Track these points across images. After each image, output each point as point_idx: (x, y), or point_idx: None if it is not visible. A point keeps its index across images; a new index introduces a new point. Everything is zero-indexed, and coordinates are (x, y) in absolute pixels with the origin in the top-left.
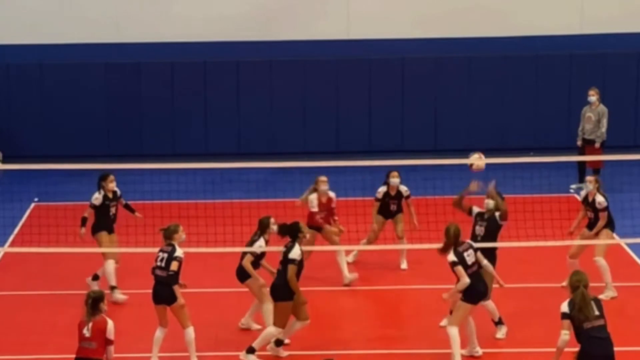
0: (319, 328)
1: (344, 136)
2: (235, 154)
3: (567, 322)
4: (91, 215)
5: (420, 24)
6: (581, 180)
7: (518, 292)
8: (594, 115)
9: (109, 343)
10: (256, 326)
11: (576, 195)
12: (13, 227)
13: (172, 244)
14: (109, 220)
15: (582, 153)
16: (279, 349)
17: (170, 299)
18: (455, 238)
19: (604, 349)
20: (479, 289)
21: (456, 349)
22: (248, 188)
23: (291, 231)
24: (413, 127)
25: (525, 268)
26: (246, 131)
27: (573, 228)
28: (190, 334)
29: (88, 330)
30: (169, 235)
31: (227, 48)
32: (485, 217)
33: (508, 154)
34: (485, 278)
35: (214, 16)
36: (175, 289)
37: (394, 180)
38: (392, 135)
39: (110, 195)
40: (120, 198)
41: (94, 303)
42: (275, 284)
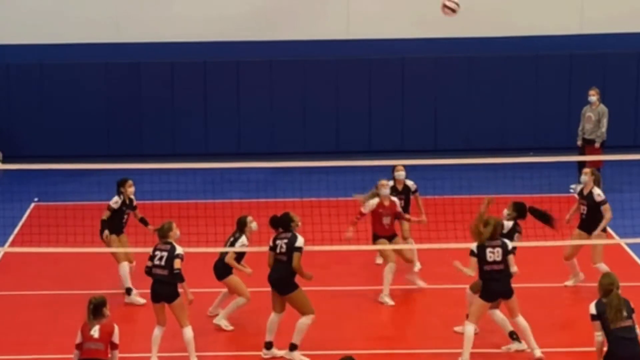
0: (319, 328)
1: (344, 136)
2: (235, 154)
3: (598, 324)
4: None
5: (420, 24)
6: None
7: (518, 293)
8: (594, 115)
9: (114, 347)
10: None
11: (576, 196)
12: (13, 227)
13: (170, 242)
14: (120, 224)
15: (582, 153)
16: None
17: (171, 297)
18: (492, 231)
19: (631, 349)
20: (492, 287)
21: (467, 346)
22: (248, 188)
23: (283, 222)
24: (413, 127)
25: (525, 268)
26: (246, 131)
27: (569, 216)
28: (189, 333)
29: (96, 332)
30: (164, 234)
31: (227, 48)
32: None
33: (508, 154)
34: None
35: (214, 16)
36: (184, 286)
37: (399, 173)
38: (392, 135)
39: (128, 201)
40: (135, 209)
41: (96, 309)
42: (281, 277)
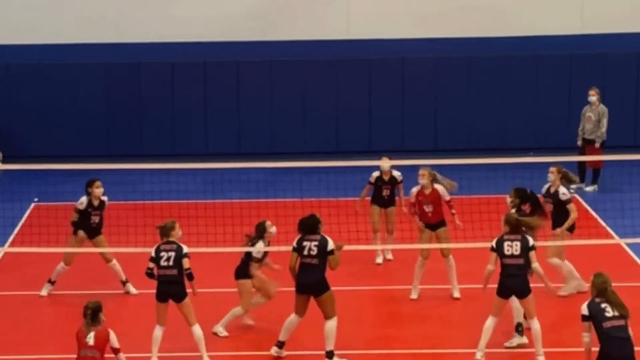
0: (319, 328)
1: (344, 136)
2: (235, 154)
3: (587, 325)
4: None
5: (420, 24)
6: (581, 180)
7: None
8: (594, 115)
9: (116, 352)
10: (249, 322)
11: (576, 195)
12: (13, 227)
13: (174, 242)
14: (88, 227)
15: (582, 153)
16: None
17: (180, 296)
18: (510, 226)
19: (623, 348)
20: (504, 283)
21: (483, 337)
22: (248, 188)
23: (312, 225)
24: (413, 127)
25: None
26: (246, 131)
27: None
28: (198, 330)
29: (91, 339)
30: (167, 232)
31: (227, 48)
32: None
33: (508, 154)
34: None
35: (214, 16)
36: (192, 284)
37: (384, 165)
38: (392, 135)
39: (96, 203)
40: (103, 209)
41: (94, 314)
42: (317, 281)
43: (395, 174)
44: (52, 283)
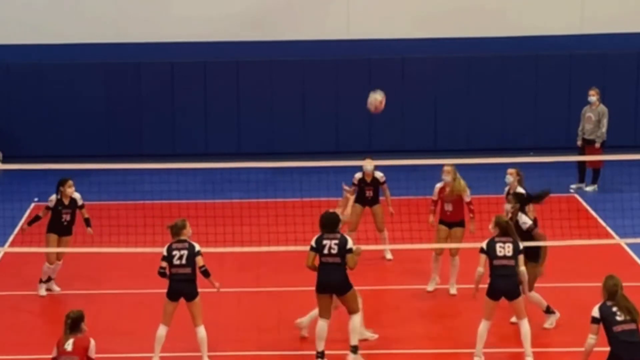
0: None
1: (344, 136)
2: (235, 154)
3: (596, 327)
4: (47, 215)
5: (420, 24)
6: (581, 180)
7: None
8: (594, 115)
9: None
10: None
11: (576, 195)
12: (13, 227)
13: (185, 240)
14: (60, 225)
15: (582, 153)
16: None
17: (193, 295)
18: (501, 228)
19: (633, 352)
20: (494, 284)
21: (479, 345)
22: (248, 188)
23: (333, 223)
24: (413, 127)
25: None
26: (246, 131)
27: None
28: (203, 331)
29: (70, 345)
30: (178, 231)
31: (227, 48)
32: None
33: (508, 154)
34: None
35: (214, 16)
36: (211, 280)
37: (367, 166)
38: (392, 135)
39: (66, 201)
40: (81, 208)
41: (74, 323)
42: (340, 279)
43: (378, 175)
44: (46, 282)
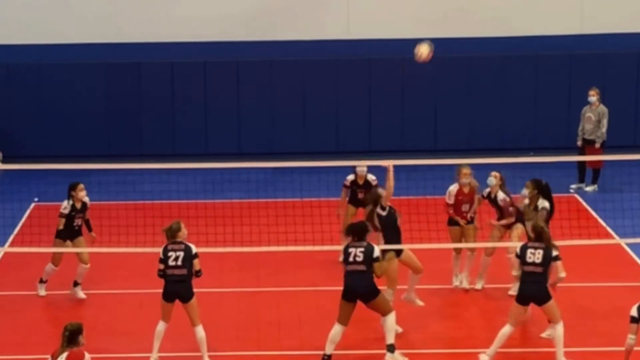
0: (319, 328)
1: (344, 136)
2: (235, 154)
3: (635, 327)
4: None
5: (421, 24)
6: (581, 180)
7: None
8: (594, 116)
9: None
10: (419, 302)
11: (576, 195)
12: (13, 227)
13: (182, 242)
14: (72, 229)
15: (582, 153)
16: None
17: (188, 297)
18: (536, 233)
19: None
20: (523, 290)
21: (495, 345)
22: (248, 188)
23: (360, 231)
24: (413, 127)
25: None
26: (246, 131)
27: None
28: (201, 331)
29: (63, 358)
30: (173, 234)
31: (227, 48)
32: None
33: (508, 154)
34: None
35: (214, 16)
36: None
37: (361, 169)
38: (392, 135)
39: (79, 205)
40: (86, 210)
41: (72, 335)
42: (367, 287)
43: (370, 177)
44: (45, 282)
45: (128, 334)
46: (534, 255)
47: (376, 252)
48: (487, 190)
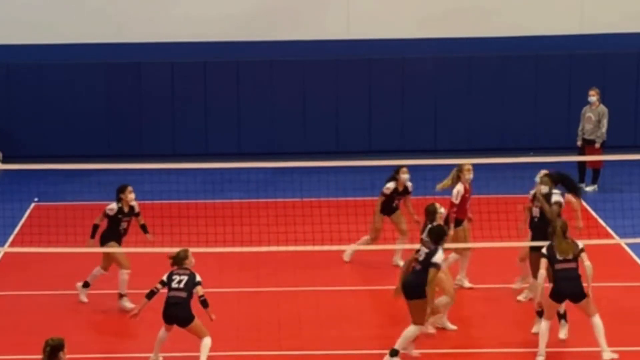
0: (319, 328)
1: (344, 136)
2: (235, 154)
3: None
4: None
5: (420, 24)
6: (581, 180)
7: (519, 292)
8: (594, 116)
9: None
10: (451, 326)
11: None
12: (13, 227)
13: (188, 268)
14: (117, 233)
15: (582, 153)
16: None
17: (187, 321)
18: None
19: None
20: (558, 287)
21: (542, 343)
22: (248, 188)
23: (436, 235)
24: (413, 127)
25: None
26: (246, 131)
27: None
28: (207, 340)
29: None
30: (180, 261)
31: (227, 48)
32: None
33: (508, 154)
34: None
35: (214, 16)
36: (209, 312)
37: (405, 176)
38: (392, 135)
39: (126, 209)
40: (138, 215)
41: (52, 352)
42: (411, 283)
43: (408, 184)
44: (88, 286)
45: (128, 334)
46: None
47: (435, 258)
48: (533, 191)
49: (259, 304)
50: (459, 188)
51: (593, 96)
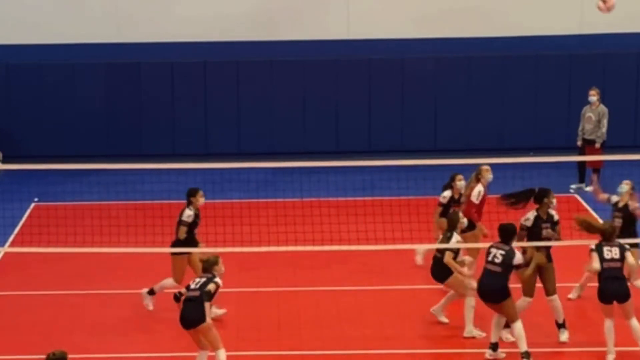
0: (319, 328)
1: (344, 136)
2: (235, 154)
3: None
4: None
5: (420, 24)
6: (581, 180)
7: (518, 292)
8: (594, 116)
9: None
10: (444, 319)
11: (576, 196)
12: (13, 227)
13: (213, 274)
14: (193, 239)
15: (582, 153)
16: (498, 353)
17: (198, 320)
18: (602, 234)
19: None
20: (605, 288)
21: (610, 342)
22: (248, 188)
23: (507, 234)
24: (413, 127)
25: None
26: (246, 131)
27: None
28: (222, 356)
29: None
30: (209, 267)
31: (227, 48)
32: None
33: (508, 154)
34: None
35: (214, 16)
36: (206, 306)
37: (461, 183)
38: (392, 135)
39: (199, 211)
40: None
41: None
42: (496, 288)
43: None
44: (153, 294)
45: (128, 334)
46: (611, 252)
47: (516, 260)
48: (616, 198)
49: (259, 304)
50: (480, 188)
51: (593, 96)
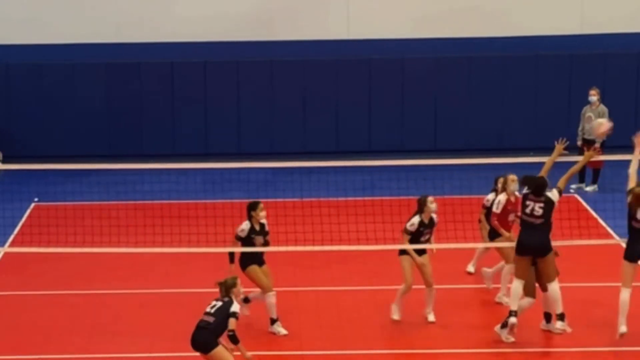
0: (320, 328)
1: (344, 136)
2: (235, 154)
3: None
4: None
5: (420, 24)
6: (581, 180)
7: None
8: (594, 115)
9: None
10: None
11: (576, 195)
12: (13, 227)
13: (230, 298)
14: (256, 253)
15: (582, 153)
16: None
17: (207, 347)
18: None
19: None
20: (635, 246)
21: (622, 312)
22: (248, 188)
23: (541, 187)
24: (413, 127)
25: None
26: (246, 131)
27: None
28: None
29: None
30: (227, 289)
31: (227, 48)
32: None
33: (508, 154)
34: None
35: (214, 16)
36: (240, 348)
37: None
38: (392, 135)
39: (258, 227)
40: (267, 234)
41: None
42: (542, 241)
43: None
44: (249, 302)
45: (128, 334)
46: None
47: (555, 203)
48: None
49: (258, 304)
50: (501, 197)
51: (593, 96)
